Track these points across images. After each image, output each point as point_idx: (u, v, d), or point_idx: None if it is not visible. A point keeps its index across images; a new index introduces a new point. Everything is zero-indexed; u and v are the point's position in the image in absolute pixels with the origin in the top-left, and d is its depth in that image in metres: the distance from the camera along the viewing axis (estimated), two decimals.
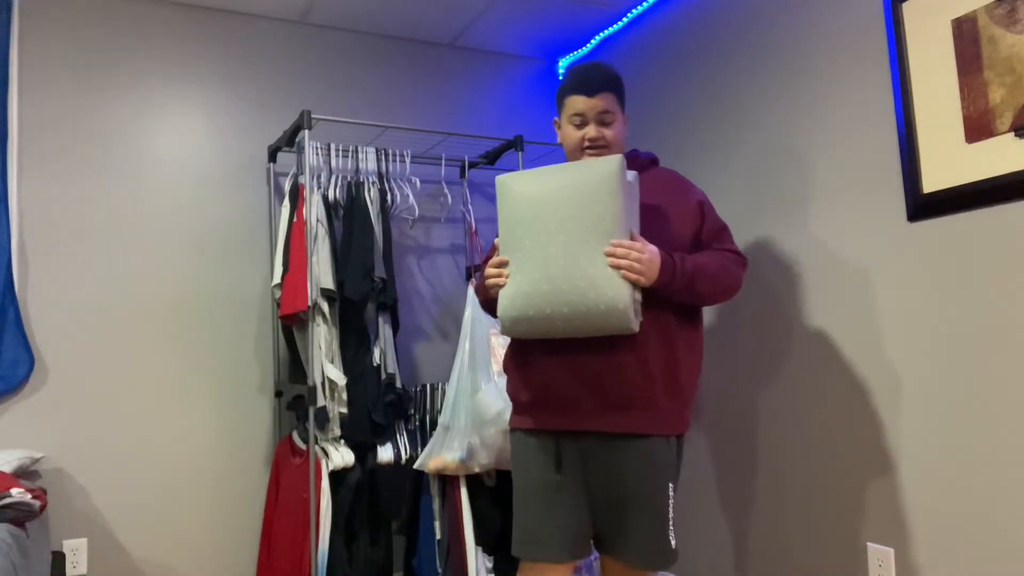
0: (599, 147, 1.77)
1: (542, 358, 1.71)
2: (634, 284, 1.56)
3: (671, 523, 1.67)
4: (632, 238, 1.59)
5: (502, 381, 2.46)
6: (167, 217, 2.74)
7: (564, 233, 1.59)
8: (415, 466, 2.57)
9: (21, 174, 2.54)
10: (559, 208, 1.60)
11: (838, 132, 2.23)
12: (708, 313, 2.70)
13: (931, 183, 1.96)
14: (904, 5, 2.01)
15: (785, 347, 2.39)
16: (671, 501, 1.67)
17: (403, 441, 2.68)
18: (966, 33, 1.87)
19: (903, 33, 2.02)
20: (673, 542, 1.67)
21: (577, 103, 1.75)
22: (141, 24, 2.77)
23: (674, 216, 1.76)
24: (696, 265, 1.69)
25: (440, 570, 2.61)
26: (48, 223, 2.57)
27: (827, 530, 2.24)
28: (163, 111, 2.78)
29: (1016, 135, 1.77)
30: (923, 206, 1.98)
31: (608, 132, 1.76)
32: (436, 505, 2.64)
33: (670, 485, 1.67)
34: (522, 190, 1.65)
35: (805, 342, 2.32)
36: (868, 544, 2.12)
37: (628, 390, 1.64)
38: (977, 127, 1.85)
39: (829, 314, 2.24)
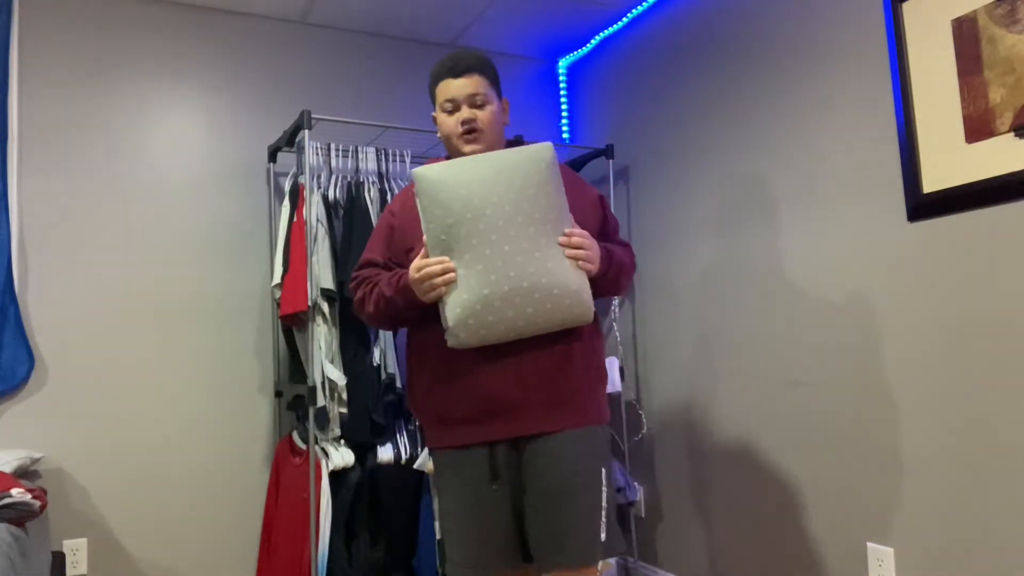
0: (474, 131, 1.68)
1: (473, 366, 1.59)
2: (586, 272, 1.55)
3: (604, 514, 1.57)
4: (573, 226, 1.56)
5: None
6: (167, 217, 2.74)
7: (514, 229, 1.49)
8: (415, 466, 2.57)
9: (21, 174, 2.54)
10: (503, 202, 1.49)
11: (838, 132, 2.23)
12: (710, 313, 2.70)
13: (931, 183, 1.96)
14: (904, 5, 2.01)
15: (785, 347, 2.39)
16: (604, 490, 1.59)
17: (403, 441, 2.68)
18: (966, 33, 1.87)
19: (903, 33, 2.02)
20: (603, 534, 1.56)
21: (446, 88, 1.68)
22: (141, 24, 2.77)
23: (580, 209, 1.69)
24: (618, 256, 1.69)
25: (440, 570, 2.61)
26: (48, 223, 2.57)
27: (827, 530, 2.24)
28: (163, 111, 2.78)
29: (1016, 135, 1.77)
30: (923, 206, 1.97)
31: (482, 114, 1.68)
32: (436, 505, 2.64)
33: (603, 471, 1.60)
34: (454, 184, 1.51)
35: (804, 342, 2.32)
36: (868, 544, 2.12)
37: (574, 382, 1.61)
38: (977, 127, 1.85)
39: (829, 314, 2.24)
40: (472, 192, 1.50)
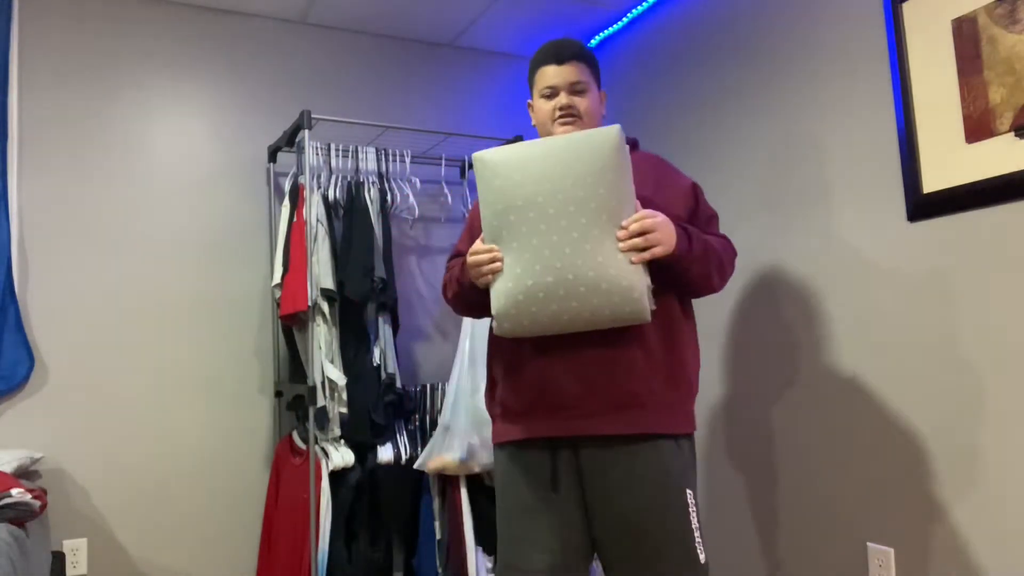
0: (571, 116, 1.65)
1: (535, 358, 1.56)
2: (648, 263, 1.45)
3: (697, 533, 1.52)
4: (636, 211, 1.47)
5: None
6: (167, 217, 2.74)
7: (566, 218, 1.43)
8: (415, 466, 2.57)
9: (21, 174, 2.54)
10: (557, 189, 1.44)
11: (838, 132, 2.23)
12: (708, 314, 2.70)
13: (931, 183, 1.96)
14: (904, 5, 2.01)
15: (784, 347, 2.39)
16: (692, 509, 1.53)
17: (403, 441, 2.68)
18: (966, 33, 1.87)
19: (903, 33, 2.02)
20: (702, 556, 1.52)
21: (547, 74, 1.67)
22: (141, 24, 2.77)
23: (666, 199, 1.63)
24: (703, 239, 1.56)
25: (440, 570, 2.61)
26: (48, 223, 2.56)
27: (827, 530, 2.24)
28: (163, 111, 2.78)
29: (1016, 135, 1.77)
30: (923, 206, 1.97)
31: (581, 101, 1.66)
32: (436, 505, 2.64)
33: (688, 492, 1.53)
34: (509, 169, 1.47)
35: (804, 342, 2.32)
36: (868, 544, 2.12)
37: (635, 386, 1.52)
38: (977, 127, 1.85)
39: (829, 314, 2.24)
40: (526, 178, 1.46)
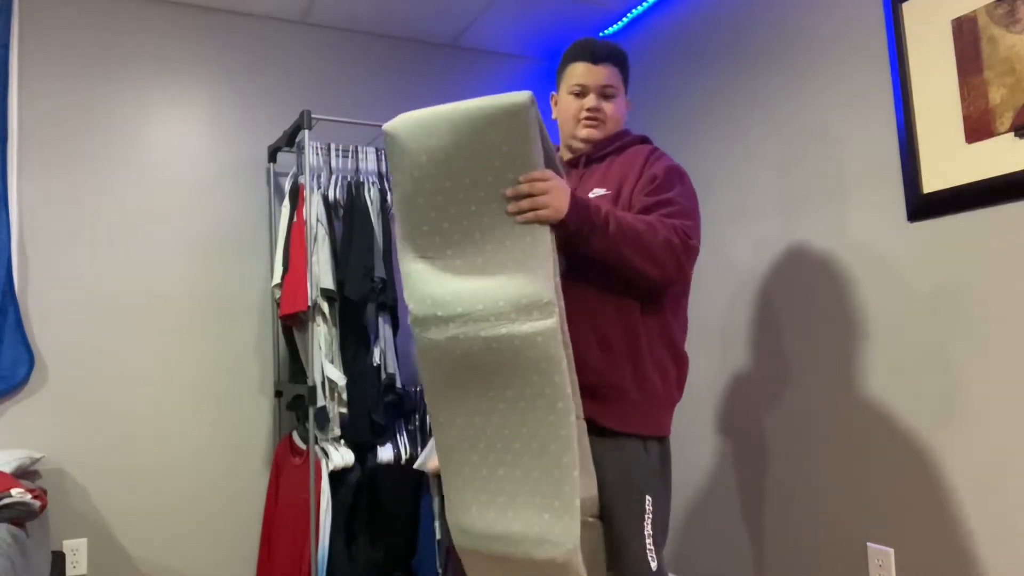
0: (597, 120, 1.62)
1: None
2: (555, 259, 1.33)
3: (649, 540, 1.49)
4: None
5: None
6: (167, 217, 2.74)
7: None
8: (415, 466, 2.56)
9: (21, 174, 2.54)
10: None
11: (838, 132, 2.23)
12: (704, 314, 2.70)
13: (931, 183, 1.96)
14: (904, 5, 2.01)
15: (785, 347, 2.39)
16: (648, 516, 1.49)
17: (403, 441, 2.68)
18: (966, 33, 1.87)
19: (903, 33, 2.02)
20: (653, 563, 1.49)
21: (579, 71, 1.62)
22: (141, 24, 2.77)
23: (625, 192, 1.57)
24: (620, 216, 1.43)
25: (440, 570, 2.61)
26: (48, 223, 2.56)
27: (827, 530, 2.24)
28: (163, 111, 2.78)
29: (1016, 135, 1.77)
30: (923, 206, 1.97)
31: (608, 106, 1.63)
32: (436, 505, 2.64)
33: (647, 498, 1.50)
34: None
35: (805, 342, 2.32)
36: (868, 544, 2.12)
37: (592, 379, 1.48)
38: (977, 127, 1.85)
39: (829, 314, 2.24)
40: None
